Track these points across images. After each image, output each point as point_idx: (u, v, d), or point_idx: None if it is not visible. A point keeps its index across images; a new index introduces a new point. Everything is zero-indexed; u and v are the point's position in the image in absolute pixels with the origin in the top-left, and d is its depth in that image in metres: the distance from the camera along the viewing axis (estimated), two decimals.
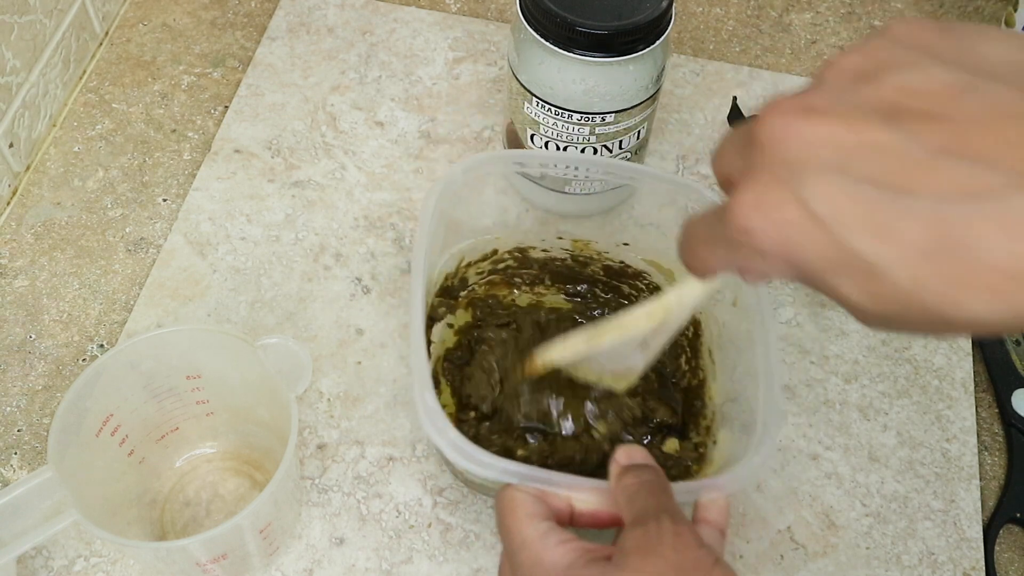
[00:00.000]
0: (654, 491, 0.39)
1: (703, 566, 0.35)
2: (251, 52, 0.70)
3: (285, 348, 0.46)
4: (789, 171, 0.27)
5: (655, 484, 0.39)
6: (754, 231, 0.28)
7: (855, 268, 0.26)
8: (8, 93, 0.60)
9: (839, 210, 0.26)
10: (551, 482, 0.41)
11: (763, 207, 0.28)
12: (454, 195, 0.49)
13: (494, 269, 0.56)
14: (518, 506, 0.40)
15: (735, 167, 0.30)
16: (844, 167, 0.26)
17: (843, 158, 0.26)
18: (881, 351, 0.58)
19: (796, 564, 0.51)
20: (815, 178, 0.27)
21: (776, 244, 0.28)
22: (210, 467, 0.53)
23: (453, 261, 0.54)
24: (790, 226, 0.27)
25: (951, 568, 0.51)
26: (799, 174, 0.27)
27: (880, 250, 0.26)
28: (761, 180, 0.28)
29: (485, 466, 0.41)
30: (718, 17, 0.74)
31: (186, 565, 0.45)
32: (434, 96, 0.68)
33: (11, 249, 0.60)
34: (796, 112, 0.28)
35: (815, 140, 0.27)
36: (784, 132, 0.27)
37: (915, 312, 0.26)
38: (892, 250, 0.26)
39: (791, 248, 0.28)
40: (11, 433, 0.54)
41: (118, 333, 0.57)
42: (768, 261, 0.29)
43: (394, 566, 0.50)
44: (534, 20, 0.52)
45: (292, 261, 0.60)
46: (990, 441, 0.56)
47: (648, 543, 0.36)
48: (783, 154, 0.27)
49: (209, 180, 0.63)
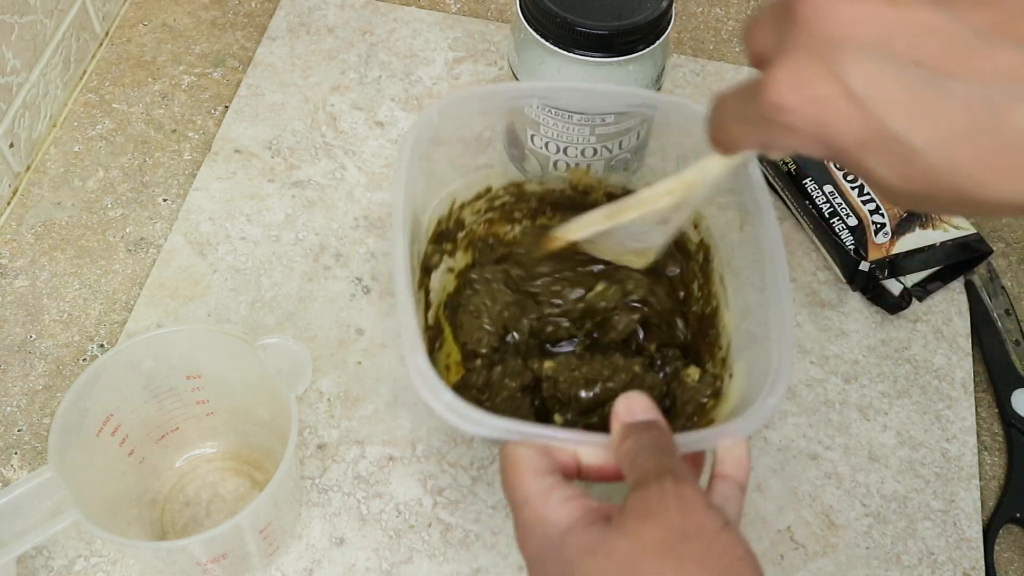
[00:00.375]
0: (654, 452, 0.37)
1: (708, 530, 0.33)
2: (251, 52, 0.70)
3: (285, 348, 0.46)
4: (829, 48, 0.27)
5: (655, 445, 0.37)
6: (788, 107, 0.28)
7: (889, 148, 0.26)
8: (8, 93, 0.60)
9: (879, 90, 0.26)
10: (554, 438, 0.39)
11: (799, 83, 0.27)
12: (433, 138, 0.48)
13: (490, 207, 0.55)
14: (521, 461, 0.38)
15: (769, 43, 0.30)
16: (886, 46, 0.26)
17: (886, 37, 0.26)
18: (881, 351, 0.58)
19: (796, 564, 0.51)
20: (856, 56, 0.26)
21: (810, 121, 0.28)
22: (210, 467, 0.53)
23: (444, 204, 0.53)
24: (826, 103, 0.27)
25: (951, 568, 0.51)
26: (839, 52, 0.27)
27: (918, 132, 0.26)
28: (798, 56, 0.28)
29: (484, 426, 0.39)
30: (718, 17, 0.74)
31: (186, 565, 0.45)
32: (434, 96, 0.68)
33: (11, 249, 0.60)
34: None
35: (858, 18, 0.26)
36: (826, 8, 0.27)
37: (946, 193, 0.26)
38: (930, 132, 0.25)
39: (825, 126, 0.27)
40: (11, 433, 0.54)
41: (118, 333, 0.57)
42: (799, 138, 0.28)
43: (394, 566, 0.50)
44: (534, 20, 0.52)
45: (292, 261, 0.60)
46: (990, 441, 0.56)
47: (649, 506, 0.34)
48: (823, 31, 0.27)
49: (209, 180, 0.63)
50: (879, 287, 0.60)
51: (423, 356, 0.40)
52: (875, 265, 0.59)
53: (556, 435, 0.39)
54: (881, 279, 0.59)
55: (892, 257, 0.59)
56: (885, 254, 0.59)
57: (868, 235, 0.59)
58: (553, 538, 0.36)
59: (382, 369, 0.56)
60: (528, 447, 0.39)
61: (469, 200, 0.54)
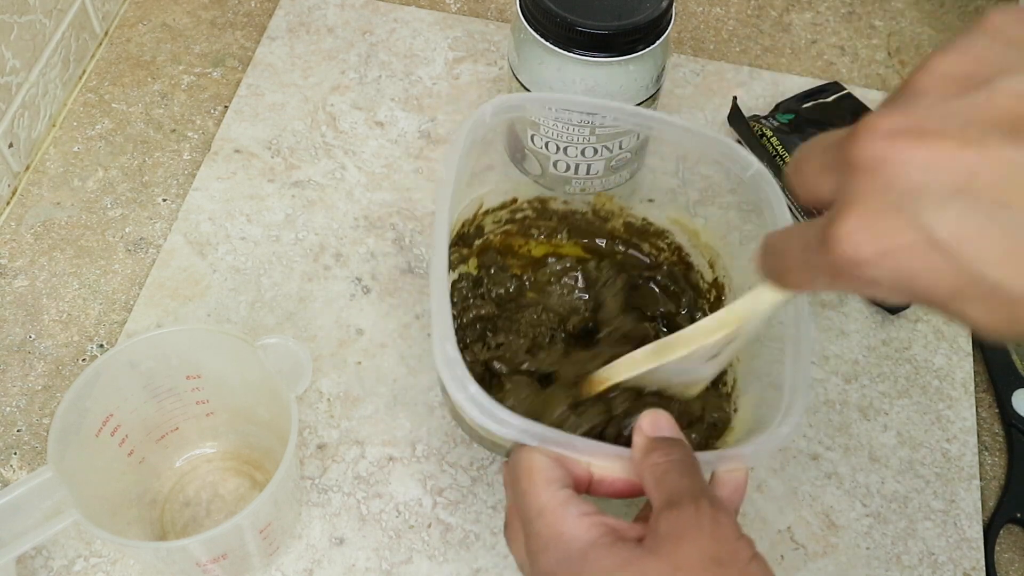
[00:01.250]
0: (686, 471, 0.36)
1: (740, 559, 0.33)
2: (251, 52, 0.70)
3: (285, 348, 0.46)
4: (903, 197, 0.25)
5: (686, 462, 0.36)
6: (866, 261, 0.27)
7: (989, 297, 0.25)
8: (8, 93, 0.60)
9: (966, 237, 0.25)
10: (573, 447, 0.38)
11: (876, 236, 0.26)
12: (484, 139, 0.47)
13: (511, 218, 0.55)
14: (536, 469, 0.37)
15: (826, 186, 0.28)
16: (967, 190, 0.25)
17: (965, 181, 0.25)
18: (881, 351, 0.58)
19: (796, 564, 0.51)
20: (936, 204, 0.25)
21: (893, 274, 0.26)
22: (210, 467, 0.52)
23: (472, 207, 0.52)
24: (909, 256, 0.26)
25: (951, 568, 0.51)
26: (916, 200, 0.25)
27: (1016, 277, 0.25)
28: (870, 207, 0.26)
29: (506, 425, 0.38)
30: (718, 17, 0.74)
31: (186, 565, 0.45)
32: (434, 96, 0.68)
33: (11, 249, 0.60)
34: (903, 131, 0.26)
35: (931, 164, 0.25)
36: (894, 156, 0.25)
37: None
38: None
39: (911, 278, 0.26)
40: (11, 433, 0.54)
41: (118, 333, 0.57)
42: (880, 290, 0.27)
43: (394, 566, 0.50)
44: (534, 20, 0.52)
45: (292, 261, 0.60)
46: (990, 441, 0.56)
47: (685, 528, 0.33)
48: (894, 180, 0.25)
49: (209, 180, 0.63)
50: None
51: (452, 344, 0.39)
52: None
53: (576, 443, 0.38)
54: None
55: None
56: None
57: None
58: (573, 554, 0.35)
59: (382, 369, 0.56)
60: (543, 455, 0.38)
61: (494, 208, 0.54)
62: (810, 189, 0.29)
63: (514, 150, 0.58)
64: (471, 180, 0.51)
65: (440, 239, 0.43)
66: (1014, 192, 0.24)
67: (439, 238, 0.43)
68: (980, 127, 0.25)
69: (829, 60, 0.72)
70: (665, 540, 0.33)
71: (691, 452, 0.37)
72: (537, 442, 0.38)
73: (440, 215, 0.43)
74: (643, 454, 0.37)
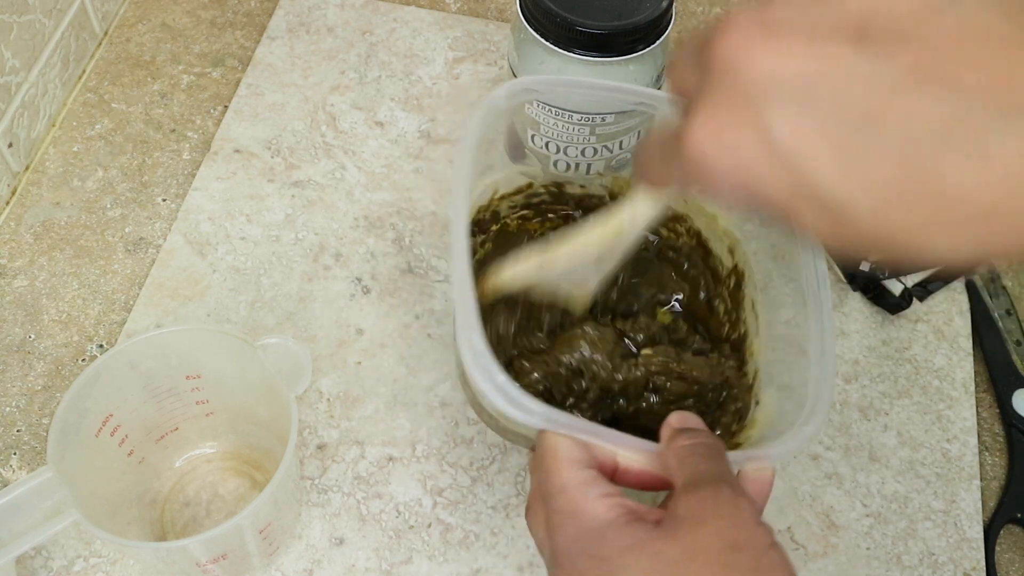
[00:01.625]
0: (710, 455, 0.36)
1: (758, 545, 0.32)
2: (251, 52, 0.70)
3: (285, 348, 0.46)
4: (748, 98, 0.26)
5: (711, 448, 0.36)
6: (709, 159, 0.27)
7: (818, 202, 0.25)
8: (7, 93, 0.60)
9: (802, 143, 0.25)
10: (599, 435, 0.37)
11: (719, 134, 0.26)
12: (493, 124, 0.46)
13: (527, 203, 0.55)
14: (560, 449, 0.37)
15: (690, 81, 0.28)
16: (807, 95, 0.25)
17: (807, 85, 0.25)
18: (881, 351, 0.58)
19: (796, 564, 0.51)
20: (776, 107, 0.25)
21: (732, 173, 0.26)
22: (210, 467, 0.52)
23: (487, 193, 0.52)
24: (747, 157, 0.26)
25: (951, 568, 0.51)
26: (759, 102, 0.25)
27: (845, 188, 0.25)
28: (717, 105, 0.26)
29: (533, 414, 0.38)
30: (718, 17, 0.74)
31: (186, 565, 0.45)
32: (434, 96, 0.68)
33: (10, 249, 0.60)
34: (756, 31, 0.26)
35: (777, 65, 0.25)
36: (743, 54, 0.26)
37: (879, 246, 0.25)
38: (857, 188, 0.24)
39: (748, 179, 0.26)
40: (11, 433, 0.54)
41: (118, 333, 0.57)
42: (722, 187, 0.27)
43: (394, 566, 0.50)
44: (534, 20, 0.52)
45: (292, 261, 0.60)
46: (991, 441, 0.56)
47: (704, 512, 0.33)
48: (742, 78, 0.26)
49: (209, 180, 0.63)
50: (880, 287, 0.60)
51: (479, 334, 0.38)
52: (876, 265, 0.59)
53: (601, 432, 0.38)
54: (882, 279, 0.59)
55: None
56: None
57: None
58: (592, 531, 0.35)
59: (382, 369, 0.56)
60: (570, 437, 0.37)
61: (509, 192, 0.53)
62: (679, 84, 0.29)
63: (514, 150, 0.58)
64: (482, 170, 0.51)
65: (458, 225, 0.42)
66: (848, 97, 0.24)
67: (457, 224, 0.42)
68: (827, 30, 0.25)
69: None
70: (683, 523, 0.33)
71: (718, 441, 0.37)
72: (565, 430, 0.37)
73: (457, 199, 0.42)
74: (668, 441, 0.37)
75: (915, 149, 0.24)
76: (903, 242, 0.25)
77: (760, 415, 0.47)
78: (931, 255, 0.25)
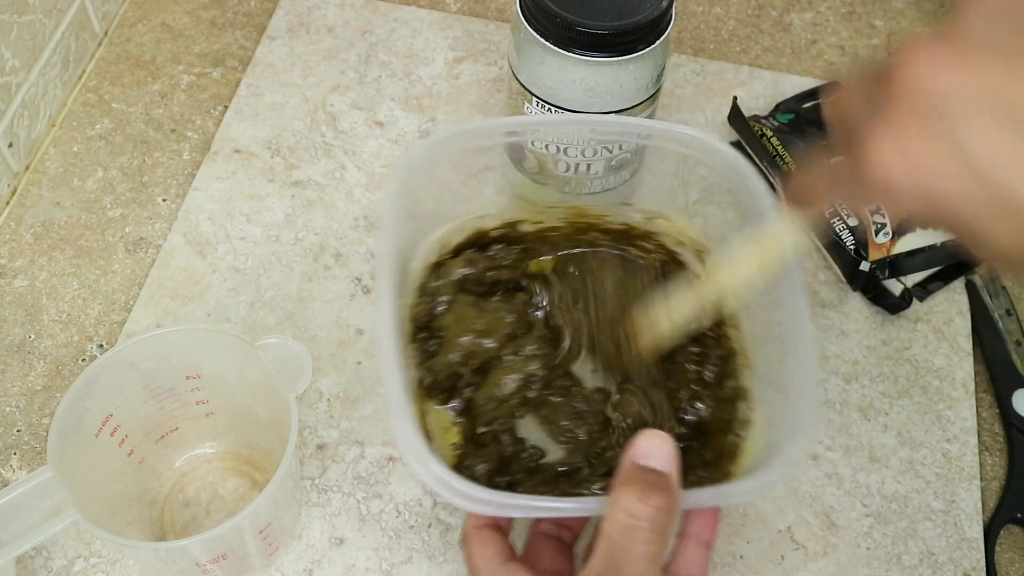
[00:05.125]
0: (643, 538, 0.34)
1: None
2: (251, 52, 0.70)
3: (285, 348, 0.46)
4: (938, 113, 0.26)
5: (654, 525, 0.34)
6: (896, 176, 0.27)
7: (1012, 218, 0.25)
8: (7, 93, 0.60)
9: (999, 156, 0.25)
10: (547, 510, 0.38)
11: (906, 151, 0.27)
12: (419, 179, 0.45)
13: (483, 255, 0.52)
14: (475, 551, 0.40)
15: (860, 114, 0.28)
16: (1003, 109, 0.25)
17: (1001, 99, 0.25)
18: (881, 351, 0.58)
19: (796, 564, 0.51)
20: (970, 121, 0.25)
21: (920, 189, 0.27)
22: (210, 467, 0.52)
23: (434, 251, 0.50)
24: (937, 172, 0.26)
25: (951, 568, 0.51)
26: (950, 117, 0.26)
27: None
28: (904, 123, 0.27)
29: (476, 502, 0.38)
30: (718, 17, 0.74)
31: (186, 565, 0.45)
32: (434, 96, 0.68)
33: (10, 249, 0.60)
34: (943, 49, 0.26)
35: (968, 80, 0.25)
36: (932, 71, 0.26)
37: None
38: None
39: (937, 194, 0.26)
40: (10, 433, 0.54)
41: (118, 333, 0.57)
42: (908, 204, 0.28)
43: (394, 566, 0.50)
44: (534, 20, 0.52)
45: (292, 261, 0.60)
46: (991, 441, 0.56)
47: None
48: (931, 95, 0.26)
49: (209, 180, 0.63)
50: (880, 287, 0.60)
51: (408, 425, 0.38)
52: (876, 265, 0.59)
53: (561, 506, 0.38)
54: (882, 279, 0.59)
55: (893, 257, 0.59)
56: (886, 254, 0.59)
57: (869, 235, 0.59)
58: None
59: None
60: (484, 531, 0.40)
61: (462, 242, 0.51)
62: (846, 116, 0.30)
63: (514, 149, 0.58)
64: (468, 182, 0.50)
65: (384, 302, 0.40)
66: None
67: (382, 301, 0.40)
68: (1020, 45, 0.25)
69: (829, 60, 0.72)
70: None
71: (670, 500, 0.35)
72: (520, 513, 0.38)
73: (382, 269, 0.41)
74: (615, 489, 0.35)
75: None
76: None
77: (750, 443, 0.46)
78: None
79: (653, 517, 0.34)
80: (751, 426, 0.46)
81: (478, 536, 0.40)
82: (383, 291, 0.41)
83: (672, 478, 0.36)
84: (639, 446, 0.36)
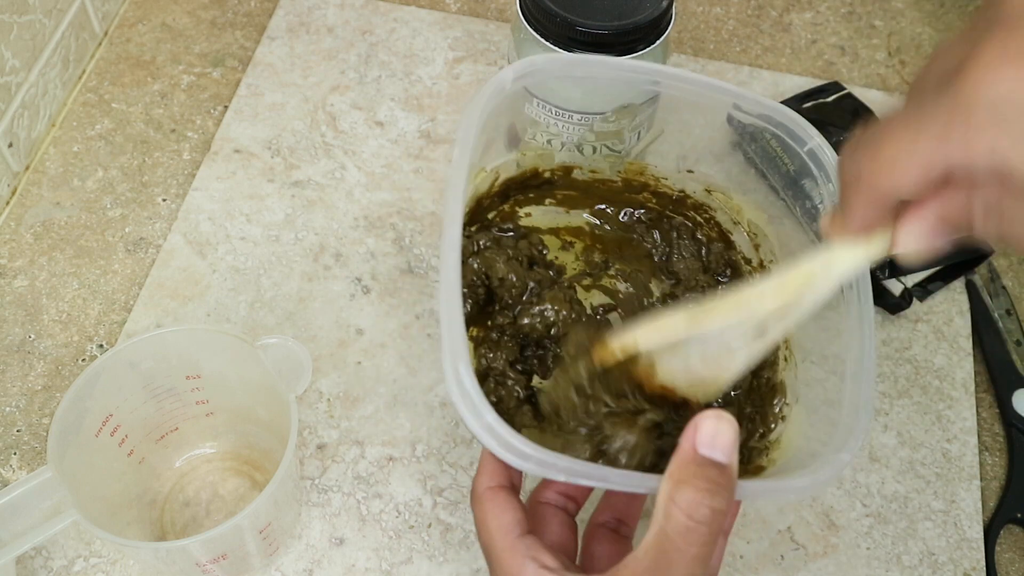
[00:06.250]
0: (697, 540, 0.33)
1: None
2: (251, 52, 0.70)
3: (285, 348, 0.46)
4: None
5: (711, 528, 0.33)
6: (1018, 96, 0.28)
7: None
8: (7, 93, 0.60)
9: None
10: (606, 480, 0.34)
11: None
12: (498, 106, 0.43)
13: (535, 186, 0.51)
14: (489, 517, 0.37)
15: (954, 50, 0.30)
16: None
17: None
18: (881, 351, 0.58)
19: (796, 564, 0.51)
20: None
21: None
22: (210, 467, 0.52)
23: (487, 181, 0.49)
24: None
25: (951, 568, 0.51)
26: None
27: None
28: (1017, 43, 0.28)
29: (525, 458, 0.34)
30: (718, 17, 0.74)
31: (186, 565, 0.45)
32: (434, 96, 0.68)
33: (10, 249, 0.60)
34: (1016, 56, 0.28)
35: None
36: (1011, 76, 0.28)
37: None
38: None
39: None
40: (10, 433, 0.54)
41: (118, 333, 0.57)
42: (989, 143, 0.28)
43: (394, 566, 0.50)
44: (534, 20, 0.52)
45: (292, 261, 0.60)
46: (991, 441, 0.56)
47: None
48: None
49: (209, 180, 0.63)
50: (880, 287, 0.59)
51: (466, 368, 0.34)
52: (875, 265, 0.59)
53: (611, 477, 0.34)
54: (882, 279, 0.59)
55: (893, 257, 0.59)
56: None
57: None
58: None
59: (382, 369, 0.56)
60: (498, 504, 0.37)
61: (514, 177, 0.49)
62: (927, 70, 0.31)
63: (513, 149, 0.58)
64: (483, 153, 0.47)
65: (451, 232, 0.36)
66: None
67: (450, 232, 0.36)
68: None
69: (829, 60, 0.72)
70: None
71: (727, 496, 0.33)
72: (564, 477, 0.34)
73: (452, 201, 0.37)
74: (675, 482, 0.33)
75: None
76: None
77: (787, 436, 0.44)
78: None
79: (712, 520, 0.33)
80: (787, 422, 0.45)
81: (494, 499, 0.37)
82: (452, 216, 0.37)
83: (732, 470, 0.34)
84: (704, 431, 0.34)
